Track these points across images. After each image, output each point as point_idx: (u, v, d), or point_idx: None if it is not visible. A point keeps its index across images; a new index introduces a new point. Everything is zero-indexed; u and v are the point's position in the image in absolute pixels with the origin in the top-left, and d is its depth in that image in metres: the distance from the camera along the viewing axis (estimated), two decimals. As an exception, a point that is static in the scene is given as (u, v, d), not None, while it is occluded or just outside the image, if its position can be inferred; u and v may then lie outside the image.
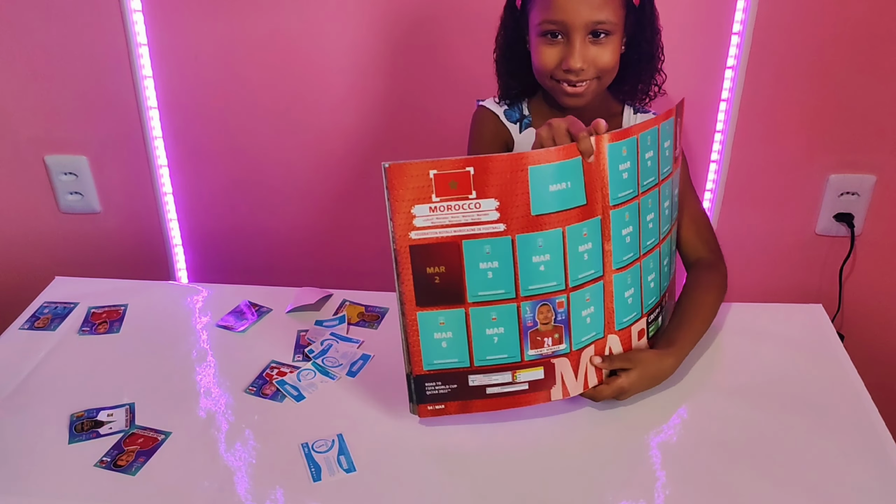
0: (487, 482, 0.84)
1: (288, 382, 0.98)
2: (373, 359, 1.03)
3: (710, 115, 1.49)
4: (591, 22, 0.99)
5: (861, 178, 1.52)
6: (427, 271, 0.84)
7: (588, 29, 1.00)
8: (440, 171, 0.81)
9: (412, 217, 0.82)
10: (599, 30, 1.00)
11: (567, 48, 1.01)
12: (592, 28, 1.00)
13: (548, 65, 1.03)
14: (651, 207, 0.93)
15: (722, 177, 1.53)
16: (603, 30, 1.01)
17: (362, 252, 1.67)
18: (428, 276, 0.84)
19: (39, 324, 1.10)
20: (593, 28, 1.00)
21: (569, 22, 0.99)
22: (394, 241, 0.83)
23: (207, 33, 1.45)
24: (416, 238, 0.83)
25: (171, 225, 1.66)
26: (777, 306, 1.10)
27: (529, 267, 0.85)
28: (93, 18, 1.44)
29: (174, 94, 1.52)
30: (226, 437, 0.90)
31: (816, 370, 0.99)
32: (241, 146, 1.57)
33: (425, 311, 0.85)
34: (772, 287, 1.67)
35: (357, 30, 1.44)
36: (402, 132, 1.54)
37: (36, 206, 1.66)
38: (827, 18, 1.37)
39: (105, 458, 0.87)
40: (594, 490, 0.83)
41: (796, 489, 0.82)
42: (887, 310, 1.67)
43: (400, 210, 0.82)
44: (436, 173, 0.81)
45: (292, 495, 0.82)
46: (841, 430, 0.89)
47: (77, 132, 1.57)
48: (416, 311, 0.85)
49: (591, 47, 1.01)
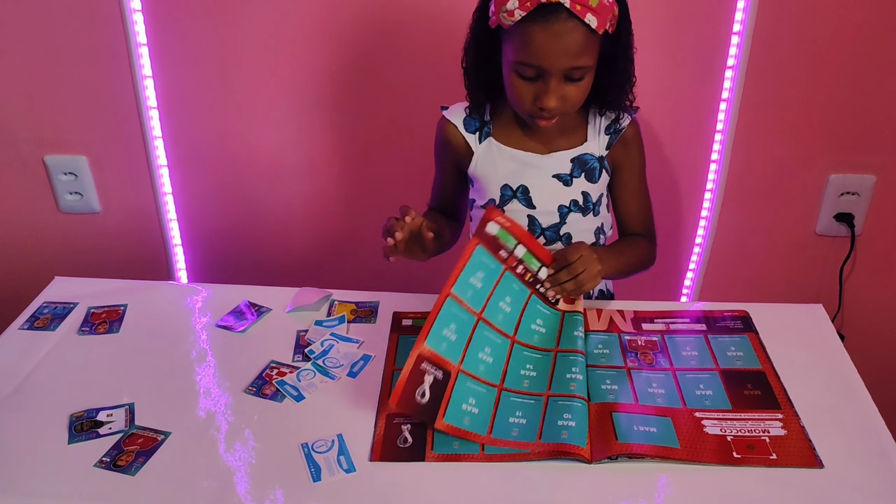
0: (487, 482, 0.84)
1: (288, 383, 0.98)
2: (373, 359, 1.03)
3: (710, 115, 1.49)
4: (569, 68, 0.99)
5: (861, 178, 1.52)
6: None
7: (564, 73, 1.00)
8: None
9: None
10: (575, 75, 1.01)
11: (542, 86, 1.01)
12: (568, 73, 1.00)
13: (522, 100, 1.04)
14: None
15: (722, 177, 1.53)
16: (578, 75, 1.01)
17: (362, 252, 1.67)
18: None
19: (39, 324, 1.10)
20: (569, 73, 1.00)
21: (546, 67, 0.99)
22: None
23: (207, 33, 1.45)
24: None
25: (171, 225, 1.66)
26: (777, 306, 1.10)
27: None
28: (93, 18, 1.44)
29: (174, 94, 1.52)
30: (226, 437, 0.90)
31: (816, 370, 0.99)
32: (240, 146, 1.57)
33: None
34: (772, 287, 1.67)
35: (355, 30, 1.44)
36: (402, 132, 1.54)
37: (36, 206, 1.66)
38: (827, 18, 1.37)
39: (105, 459, 0.86)
40: (594, 490, 0.83)
41: (796, 489, 0.82)
42: (887, 310, 1.67)
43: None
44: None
45: (292, 495, 0.82)
46: (841, 430, 0.89)
47: (77, 132, 1.57)
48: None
49: (566, 86, 1.02)
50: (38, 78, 1.51)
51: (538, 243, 1.07)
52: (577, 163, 1.14)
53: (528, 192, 1.14)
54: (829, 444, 0.87)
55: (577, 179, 1.15)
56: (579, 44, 0.97)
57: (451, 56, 1.45)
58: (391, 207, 1.61)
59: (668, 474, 0.84)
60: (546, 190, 1.15)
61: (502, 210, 1.14)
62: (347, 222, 1.65)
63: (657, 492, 0.82)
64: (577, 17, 0.95)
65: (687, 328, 1.06)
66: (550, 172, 1.14)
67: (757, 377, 0.96)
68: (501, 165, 1.15)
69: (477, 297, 0.99)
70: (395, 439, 0.88)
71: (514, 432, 0.88)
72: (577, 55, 0.98)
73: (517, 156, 1.14)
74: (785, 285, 1.67)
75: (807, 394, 0.95)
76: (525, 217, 1.16)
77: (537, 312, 1.04)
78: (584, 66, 1.00)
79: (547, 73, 1.00)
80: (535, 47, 0.97)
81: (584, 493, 0.82)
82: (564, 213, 1.15)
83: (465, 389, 0.91)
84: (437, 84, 1.47)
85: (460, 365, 0.93)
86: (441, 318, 0.94)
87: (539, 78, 1.01)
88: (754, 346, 1.01)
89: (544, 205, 1.15)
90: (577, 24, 0.96)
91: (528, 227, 1.16)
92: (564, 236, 1.17)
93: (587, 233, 1.18)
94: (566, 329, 1.03)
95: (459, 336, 0.95)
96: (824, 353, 1.03)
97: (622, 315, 1.09)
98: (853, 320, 1.67)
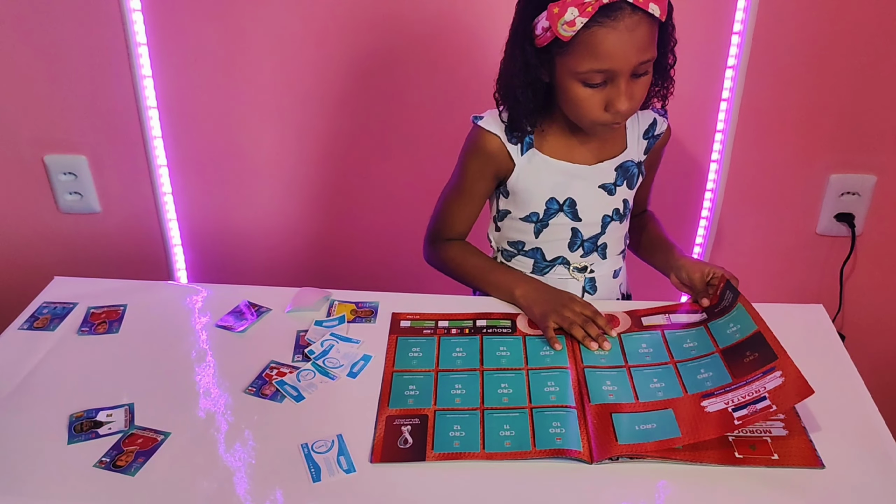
0: (487, 482, 0.84)
1: (287, 383, 0.98)
2: (374, 359, 1.03)
3: (710, 115, 1.49)
4: (638, 63, 0.97)
5: (861, 178, 1.52)
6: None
7: (634, 70, 0.98)
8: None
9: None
10: (641, 70, 0.99)
11: (613, 90, 0.99)
12: (637, 69, 0.98)
13: (590, 110, 1.01)
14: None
15: (722, 177, 1.53)
16: (645, 69, 1.00)
17: (362, 252, 1.67)
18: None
19: (39, 324, 1.10)
20: (637, 69, 0.98)
21: (618, 69, 0.97)
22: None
23: (207, 33, 1.45)
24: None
25: (171, 225, 1.66)
26: (777, 306, 1.10)
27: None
28: (93, 18, 1.44)
29: (174, 94, 1.52)
30: (225, 437, 0.90)
31: (816, 370, 0.99)
32: (240, 146, 1.57)
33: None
34: (772, 287, 1.67)
35: (356, 30, 1.44)
36: (401, 133, 1.54)
37: (35, 206, 1.66)
38: (827, 18, 1.37)
39: (104, 459, 0.86)
40: (596, 489, 0.83)
41: (796, 489, 0.82)
42: (887, 310, 1.67)
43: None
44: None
45: (292, 495, 0.82)
46: (841, 430, 0.89)
47: (77, 132, 1.57)
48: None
49: (634, 85, 1.00)
50: (37, 78, 1.51)
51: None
52: (620, 171, 1.13)
53: (574, 206, 1.13)
54: (829, 444, 0.87)
55: (619, 188, 1.14)
56: (647, 36, 0.96)
57: (451, 57, 1.45)
58: (392, 207, 1.62)
59: (668, 474, 0.84)
60: (592, 201, 1.13)
61: (546, 223, 1.14)
62: (347, 222, 1.65)
63: (657, 492, 0.82)
64: (641, 9, 0.94)
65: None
66: (597, 183, 1.13)
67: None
68: (547, 178, 1.12)
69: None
70: (396, 440, 0.88)
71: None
72: (645, 48, 0.97)
73: (565, 168, 1.12)
74: (785, 285, 1.66)
75: (807, 394, 0.95)
76: (568, 230, 1.15)
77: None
78: (650, 58, 0.99)
79: (617, 75, 0.98)
80: (606, 49, 0.95)
81: (586, 493, 0.82)
82: (607, 223, 1.15)
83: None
84: (438, 85, 1.48)
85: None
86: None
87: (605, 83, 0.99)
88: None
89: (590, 216, 1.14)
90: (642, 17, 0.95)
91: (570, 239, 1.15)
92: (601, 247, 1.17)
93: (619, 241, 1.19)
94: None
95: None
96: (824, 353, 1.02)
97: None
98: (853, 320, 1.67)
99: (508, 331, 1.07)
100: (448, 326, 1.08)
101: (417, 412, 0.92)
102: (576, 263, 1.17)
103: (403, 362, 1.01)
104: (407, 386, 0.97)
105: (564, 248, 1.17)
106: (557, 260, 1.17)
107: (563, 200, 1.13)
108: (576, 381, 0.96)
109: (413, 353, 1.02)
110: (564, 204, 1.13)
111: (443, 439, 0.88)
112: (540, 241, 1.17)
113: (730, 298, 1.04)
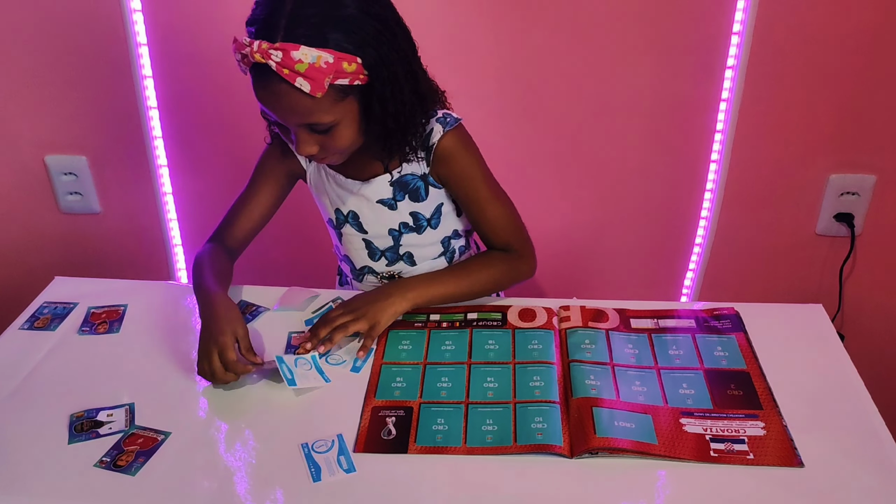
0: (486, 482, 0.84)
1: (286, 362, 0.97)
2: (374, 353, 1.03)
3: (710, 115, 1.49)
4: (303, 124, 0.94)
5: (861, 178, 1.52)
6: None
7: (305, 127, 0.95)
8: None
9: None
10: (318, 129, 0.95)
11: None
12: (310, 127, 0.95)
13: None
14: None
15: (722, 177, 1.53)
16: (322, 128, 0.95)
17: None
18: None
19: (39, 324, 1.10)
20: (310, 127, 0.95)
21: (282, 121, 0.95)
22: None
23: (207, 33, 1.45)
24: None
25: (171, 225, 1.66)
26: (777, 306, 1.10)
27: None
28: (93, 18, 1.44)
29: (174, 94, 1.52)
30: (226, 437, 0.90)
31: (816, 370, 0.99)
32: (240, 146, 1.57)
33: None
34: (772, 287, 1.67)
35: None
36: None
37: (36, 207, 1.66)
38: (827, 18, 1.37)
39: (105, 459, 0.86)
40: (576, 482, 0.83)
41: (796, 489, 0.82)
42: (887, 310, 1.67)
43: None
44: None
45: (292, 495, 0.82)
46: (841, 430, 0.89)
47: (77, 132, 1.57)
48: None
49: (318, 136, 0.96)
50: (38, 78, 1.51)
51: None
52: (397, 186, 1.09)
53: (358, 218, 1.13)
54: (828, 444, 0.87)
55: (401, 202, 1.11)
56: (302, 105, 0.91)
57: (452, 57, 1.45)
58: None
59: (667, 473, 0.84)
60: (373, 215, 1.12)
61: (340, 232, 1.16)
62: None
63: (657, 492, 0.82)
64: (286, 81, 0.89)
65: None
66: (374, 198, 1.11)
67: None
68: (329, 188, 1.13)
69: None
70: (380, 431, 0.89)
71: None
72: (305, 114, 0.92)
73: (340, 181, 1.12)
74: (785, 285, 1.67)
75: (806, 394, 0.95)
76: (361, 241, 1.15)
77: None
78: (319, 122, 0.94)
79: (289, 126, 0.96)
80: (264, 103, 0.94)
81: (567, 485, 0.82)
82: (396, 236, 1.14)
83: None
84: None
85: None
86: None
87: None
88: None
89: (375, 229, 1.14)
90: (289, 88, 0.89)
91: (366, 249, 1.16)
92: (405, 256, 1.16)
93: (431, 246, 1.16)
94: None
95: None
96: (824, 353, 1.02)
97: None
98: (853, 320, 1.67)
99: (498, 323, 1.07)
100: (439, 320, 1.08)
101: (402, 404, 0.93)
102: (382, 272, 1.18)
103: (393, 354, 1.02)
104: (395, 378, 0.98)
105: (366, 258, 1.18)
106: (365, 269, 1.19)
107: (346, 212, 1.13)
108: (561, 376, 0.97)
109: (403, 346, 1.03)
110: (349, 216, 1.13)
111: (426, 433, 0.89)
112: (346, 250, 1.19)
113: (727, 325, 1.05)
